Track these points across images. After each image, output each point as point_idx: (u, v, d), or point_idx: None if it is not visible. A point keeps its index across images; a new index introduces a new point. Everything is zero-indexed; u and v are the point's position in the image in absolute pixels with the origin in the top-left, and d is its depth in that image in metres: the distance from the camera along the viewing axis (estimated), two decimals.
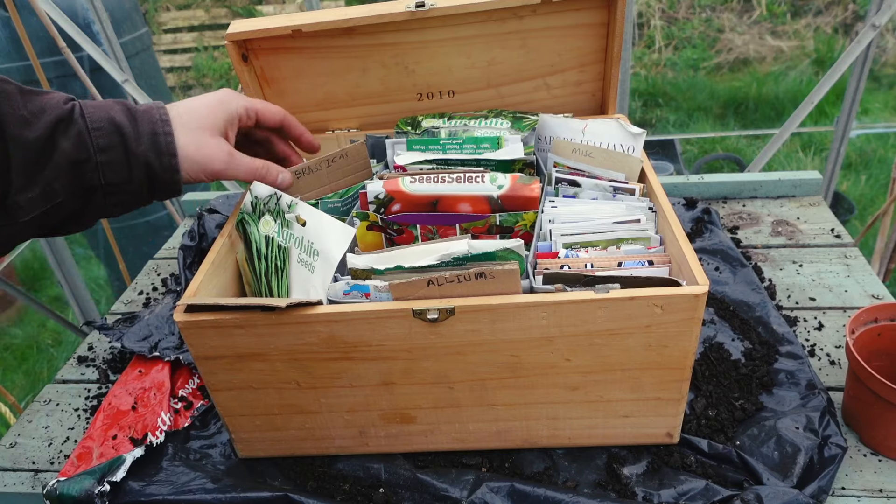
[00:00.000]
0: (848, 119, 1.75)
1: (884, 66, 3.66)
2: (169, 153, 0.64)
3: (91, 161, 0.61)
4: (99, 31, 1.92)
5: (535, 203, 0.73)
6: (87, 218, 0.65)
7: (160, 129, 0.64)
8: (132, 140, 0.62)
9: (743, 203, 1.15)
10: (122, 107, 0.64)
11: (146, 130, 0.63)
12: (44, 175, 0.59)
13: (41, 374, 2.30)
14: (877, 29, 1.48)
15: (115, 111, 0.63)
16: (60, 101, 0.61)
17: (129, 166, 0.62)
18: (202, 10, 4.47)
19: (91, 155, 0.61)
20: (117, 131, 0.62)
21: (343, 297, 0.65)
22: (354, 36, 0.83)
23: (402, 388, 0.66)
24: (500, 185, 0.73)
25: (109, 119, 0.62)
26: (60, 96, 0.62)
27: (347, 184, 0.82)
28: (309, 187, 0.80)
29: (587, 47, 0.85)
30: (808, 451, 0.66)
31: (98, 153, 0.61)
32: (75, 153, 0.60)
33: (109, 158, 0.61)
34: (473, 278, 0.59)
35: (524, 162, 0.79)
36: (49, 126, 0.59)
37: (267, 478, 0.72)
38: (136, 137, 0.62)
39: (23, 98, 0.59)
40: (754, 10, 4.09)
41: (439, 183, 0.74)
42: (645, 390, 0.65)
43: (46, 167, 0.59)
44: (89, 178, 0.61)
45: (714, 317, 0.88)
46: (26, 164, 0.58)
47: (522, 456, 0.72)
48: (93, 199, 0.63)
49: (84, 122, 0.61)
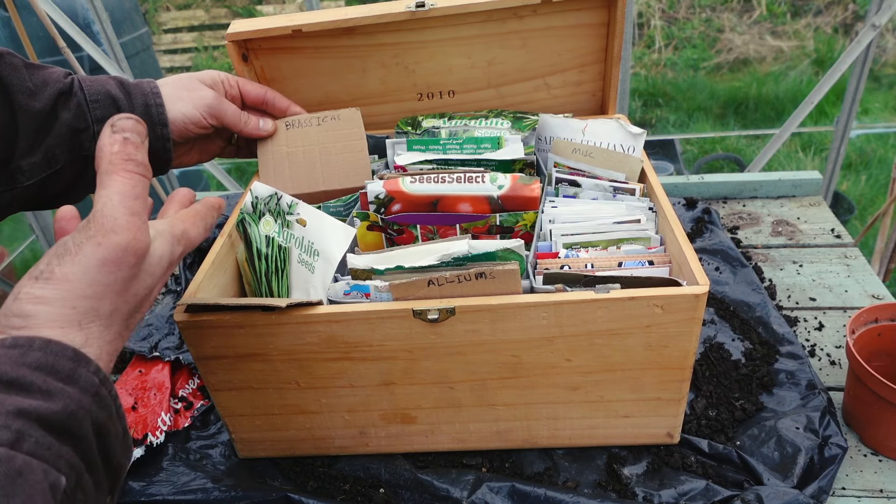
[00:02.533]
0: (848, 119, 1.75)
1: (884, 66, 3.66)
2: (161, 122, 0.69)
3: (89, 130, 0.66)
4: (99, 31, 1.92)
5: (536, 203, 0.73)
6: (80, 188, 0.69)
7: (152, 100, 0.69)
8: (126, 111, 0.66)
9: (743, 203, 1.15)
10: (116, 81, 0.69)
11: (139, 102, 0.68)
12: (46, 142, 0.63)
13: None
14: (877, 29, 1.48)
15: (111, 85, 0.68)
16: (60, 75, 0.66)
17: None
18: (202, 10, 4.47)
19: (89, 125, 0.66)
20: (113, 103, 0.67)
21: (343, 298, 0.65)
22: (354, 36, 0.83)
23: (403, 388, 0.66)
24: (500, 185, 0.73)
25: (105, 92, 0.67)
26: (60, 71, 0.66)
27: (338, 150, 0.81)
28: (298, 141, 0.80)
29: (587, 47, 0.85)
30: (809, 452, 0.66)
31: (95, 123, 0.66)
32: (75, 122, 0.65)
33: None
34: (474, 278, 0.59)
35: (524, 162, 0.79)
36: (52, 97, 0.63)
37: (267, 478, 0.72)
38: (130, 108, 0.67)
39: (28, 71, 0.63)
40: (754, 10, 4.09)
41: (439, 183, 0.74)
42: (645, 390, 0.65)
43: (49, 134, 0.63)
44: (87, 147, 0.66)
45: (714, 317, 0.88)
46: (31, 132, 0.62)
47: (523, 456, 0.72)
48: (88, 168, 0.67)
49: (83, 94, 0.66)
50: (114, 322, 0.45)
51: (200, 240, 0.55)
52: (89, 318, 0.43)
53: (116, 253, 0.43)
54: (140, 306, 0.48)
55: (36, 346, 0.39)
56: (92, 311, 0.43)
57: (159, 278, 0.49)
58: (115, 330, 0.45)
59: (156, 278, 0.48)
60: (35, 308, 0.41)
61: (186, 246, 0.52)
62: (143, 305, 0.49)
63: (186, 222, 0.53)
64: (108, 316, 0.44)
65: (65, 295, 0.42)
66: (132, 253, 0.44)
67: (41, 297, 0.41)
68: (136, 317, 0.48)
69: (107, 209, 0.44)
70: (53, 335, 0.41)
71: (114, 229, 0.43)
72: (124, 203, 0.44)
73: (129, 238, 0.44)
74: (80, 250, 0.43)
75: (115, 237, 0.43)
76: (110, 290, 0.44)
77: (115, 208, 0.44)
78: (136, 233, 0.44)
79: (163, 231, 0.49)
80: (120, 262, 0.44)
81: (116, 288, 0.44)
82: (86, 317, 0.43)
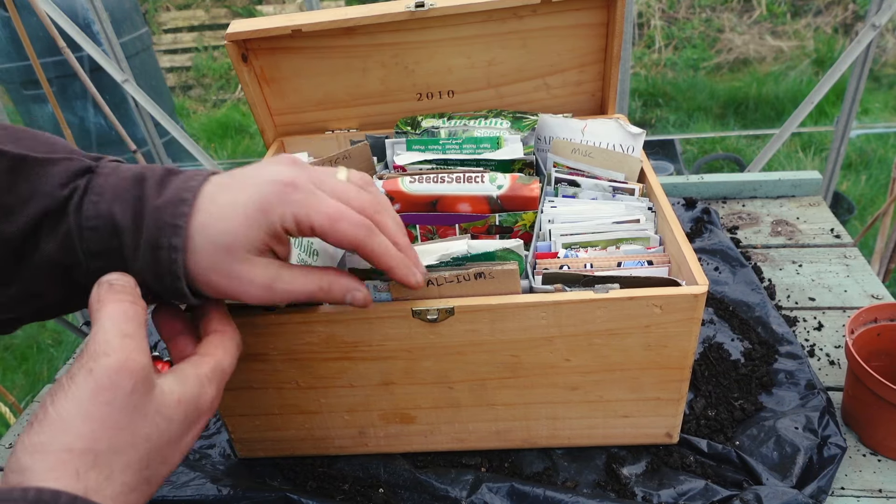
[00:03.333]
0: (848, 119, 1.75)
1: (884, 66, 3.66)
2: (171, 274, 0.46)
3: (81, 266, 0.47)
4: (99, 31, 1.92)
5: (535, 203, 0.73)
6: None
7: (165, 240, 0.46)
8: (129, 250, 0.47)
9: (742, 203, 1.15)
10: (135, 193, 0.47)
11: (148, 238, 0.46)
12: (21, 275, 0.48)
13: (41, 375, 2.30)
14: (877, 29, 1.48)
15: (123, 201, 0.47)
16: (59, 182, 0.47)
17: None
18: (202, 10, 4.47)
19: (80, 260, 0.47)
20: (115, 234, 0.46)
21: None
22: (354, 36, 0.83)
23: (402, 388, 0.66)
24: (499, 185, 0.73)
25: (109, 216, 0.46)
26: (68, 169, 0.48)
27: None
28: None
29: (587, 47, 0.85)
30: (808, 451, 0.66)
31: (89, 259, 0.47)
32: (59, 256, 0.47)
33: (103, 265, 0.47)
34: (473, 278, 0.59)
35: (524, 162, 0.79)
36: (32, 220, 0.46)
37: (266, 478, 0.72)
38: (134, 247, 0.46)
39: (14, 175, 0.46)
40: (754, 10, 4.09)
41: (439, 183, 0.74)
42: (644, 390, 0.65)
43: (24, 267, 0.47)
44: (83, 283, 0.47)
45: (713, 317, 0.88)
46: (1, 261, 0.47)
47: (522, 456, 0.72)
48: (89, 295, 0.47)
49: (77, 217, 0.46)
50: (116, 470, 0.39)
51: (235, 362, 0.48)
52: (87, 464, 0.37)
53: (109, 376, 0.39)
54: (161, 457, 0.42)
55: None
56: (89, 455, 0.37)
57: (181, 425, 0.43)
58: (122, 481, 0.39)
59: (175, 424, 0.42)
60: (31, 460, 0.37)
61: (221, 380, 0.46)
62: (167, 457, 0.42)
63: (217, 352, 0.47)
64: (107, 461, 0.38)
65: (60, 437, 0.37)
66: (126, 374, 0.39)
67: (36, 444, 0.37)
68: (156, 470, 0.42)
69: (98, 336, 0.40)
70: None
71: (105, 352, 0.39)
72: (115, 327, 0.40)
73: (121, 359, 0.39)
74: (73, 383, 0.38)
75: (106, 360, 0.39)
76: (107, 425, 0.38)
77: (107, 333, 0.40)
78: (130, 353, 0.40)
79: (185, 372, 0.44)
80: (114, 387, 0.39)
81: (114, 422, 0.39)
82: (83, 462, 0.37)
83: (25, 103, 2.65)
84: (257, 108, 0.88)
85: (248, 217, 0.47)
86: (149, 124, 2.05)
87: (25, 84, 2.56)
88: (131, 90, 1.62)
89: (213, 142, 3.73)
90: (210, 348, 0.48)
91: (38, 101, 2.60)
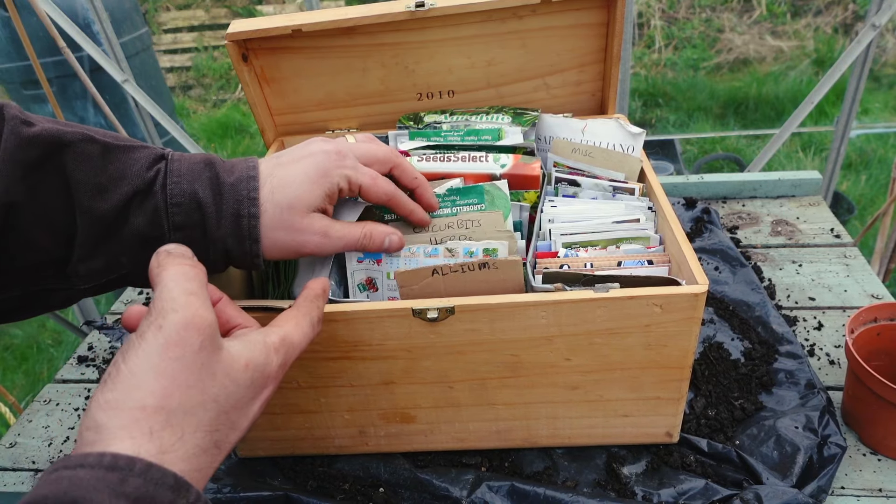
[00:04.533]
0: (848, 119, 1.75)
1: (884, 66, 3.66)
2: (251, 238, 0.55)
3: (164, 238, 0.54)
4: (99, 31, 1.92)
5: (536, 182, 0.74)
6: None
7: (245, 209, 0.55)
8: (213, 220, 0.54)
9: (742, 203, 1.15)
10: (210, 174, 0.55)
11: (229, 210, 0.55)
12: (110, 247, 0.53)
13: (41, 374, 2.30)
14: (877, 29, 1.48)
15: (202, 181, 0.55)
16: (144, 165, 0.54)
17: (206, 247, 0.55)
18: (202, 10, 4.47)
19: (164, 232, 0.54)
20: (198, 209, 0.54)
21: (356, 266, 0.67)
22: (354, 36, 0.83)
23: (402, 387, 0.66)
24: (503, 164, 0.74)
25: (192, 194, 0.54)
26: (149, 155, 0.55)
27: None
28: None
29: (587, 47, 0.85)
30: (808, 451, 0.66)
31: (172, 231, 0.54)
32: (147, 230, 0.53)
33: (185, 237, 0.54)
34: (477, 268, 0.60)
35: (525, 149, 0.79)
36: (125, 198, 0.53)
37: (267, 477, 0.72)
38: (218, 218, 0.54)
39: (104, 159, 0.53)
40: (754, 10, 4.09)
41: (444, 162, 0.75)
42: (644, 390, 0.65)
43: (112, 240, 0.53)
44: None
45: (713, 316, 0.88)
46: (93, 237, 0.53)
47: (522, 455, 0.72)
48: None
49: (164, 195, 0.54)
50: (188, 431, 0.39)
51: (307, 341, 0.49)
52: (159, 423, 0.38)
53: (178, 332, 0.40)
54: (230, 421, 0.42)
55: (136, 472, 0.35)
56: (161, 413, 0.38)
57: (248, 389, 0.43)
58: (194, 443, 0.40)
59: (242, 388, 0.43)
60: (105, 417, 0.38)
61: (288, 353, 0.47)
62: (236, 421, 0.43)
63: (287, 325, 0.48)
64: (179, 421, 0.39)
65: (132, 393, 0.38)
66: (194, 330, 0.40)
67: (110, 401, 0.38)
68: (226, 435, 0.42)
69: (163, 294, 0.41)
70: (124, 448, 0.37)
71: (173, 308, 0.40)
72: (179, 286, 0.42)
73: (188, 315, 0.40)
74: (143, 340, 0.40)
75: (174, 315, 0.40)
76: (178, 382, 0.39)
77: (171, 291, 0.41)
78: (197, 309, 0.41)
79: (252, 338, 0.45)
80: (182, 342, 0.40)
81: (184, 380, 0.40)
82: (156, 422, 0.38)
83: (25, 103, 2.65)
84: (257, 107, 0.88)
85: (312, 181, 0.58)
86: (149, 124, 2.05)
87: (25, 84, 2.56)
88: (131, 90, 1.62)
89: (213, 142, 3.73)
90: (281, 321, 0.49)
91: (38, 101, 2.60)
